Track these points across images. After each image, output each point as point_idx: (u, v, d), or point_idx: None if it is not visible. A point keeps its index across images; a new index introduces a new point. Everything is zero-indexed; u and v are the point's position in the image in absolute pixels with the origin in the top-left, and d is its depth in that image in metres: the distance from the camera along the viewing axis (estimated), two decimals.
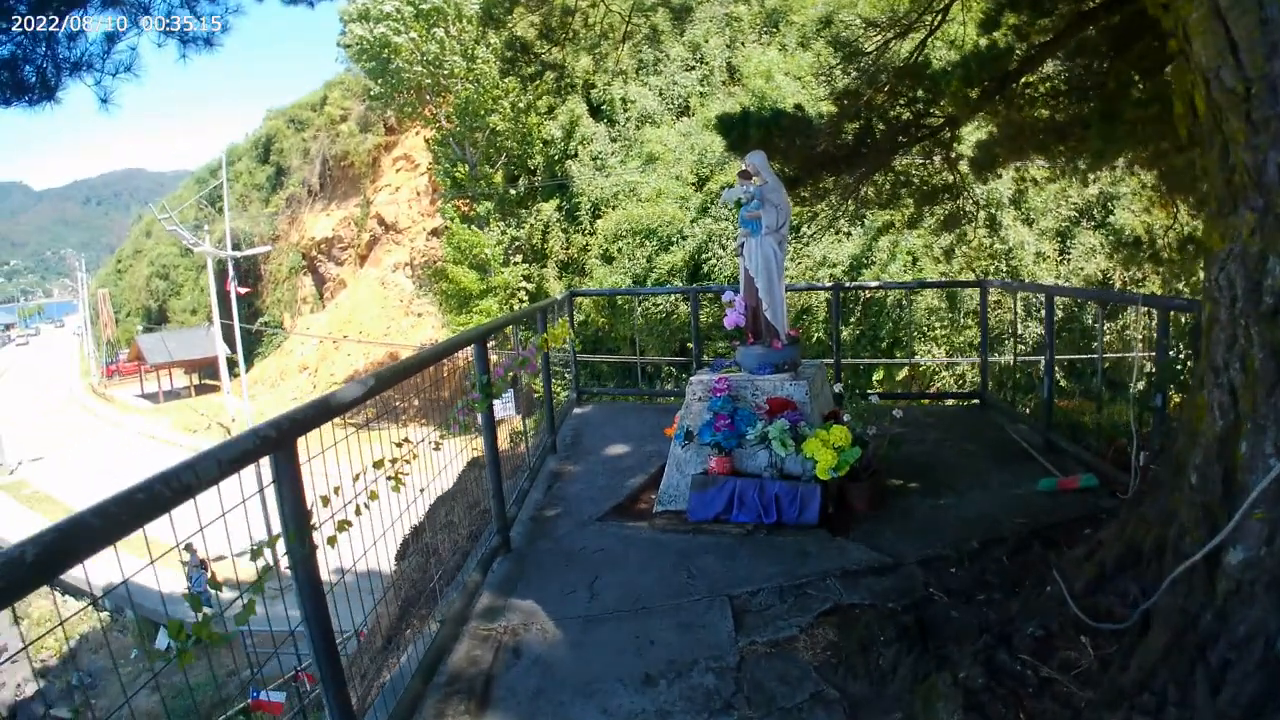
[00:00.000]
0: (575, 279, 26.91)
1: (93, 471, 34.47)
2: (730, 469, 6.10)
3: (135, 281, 69.08)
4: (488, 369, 5.08)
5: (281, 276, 50.55)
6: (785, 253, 6.68)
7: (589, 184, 26.58)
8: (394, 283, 41.44)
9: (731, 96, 26.27)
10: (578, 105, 28.55)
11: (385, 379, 3.59)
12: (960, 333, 20.09)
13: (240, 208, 53.55)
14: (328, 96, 51.04)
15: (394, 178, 43.79)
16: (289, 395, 42.73)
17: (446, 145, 29.97)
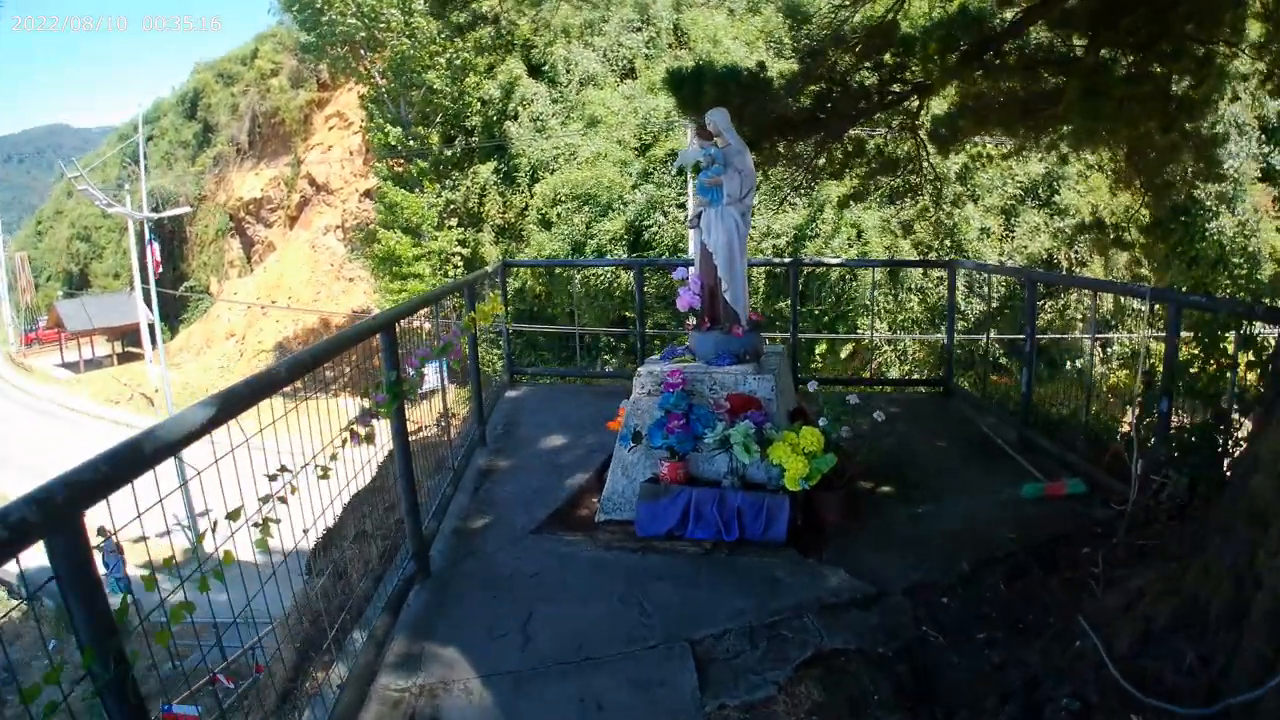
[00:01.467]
0: (512, 244, 26.11)
1: (4, 448, 32.92)
2: (685, 476, 5.33)
3: (56, 244, 65.96)
4: (397, 364, 4.30)
5: (208, 239, 48.37)
6: (749, 226, 5.87)
7: (528, 146, 25.77)
8: (325, 246, 40.05)
9: (678, 60, 25.53)
10: (517, 65, 27.57)
11: (240, 396, 2.85)
12: (902, 308, 19.70)
13: (165, 166, 51.23)
14: (259, 50, 48.54)
15: (326, 136, 42.18)
16: (215, 363, 41.26)
17: (381, 103, 28.85)
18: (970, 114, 8.46)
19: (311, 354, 3.48)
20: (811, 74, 8.70)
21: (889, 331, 19.59)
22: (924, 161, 9.72)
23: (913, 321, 19.47)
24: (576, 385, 10.46)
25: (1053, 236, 20.36)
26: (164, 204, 43.05)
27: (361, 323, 4.17)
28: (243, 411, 2.81)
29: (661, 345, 20.88)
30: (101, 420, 35.83)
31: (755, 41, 24.33)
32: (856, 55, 8.50)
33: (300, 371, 3.29)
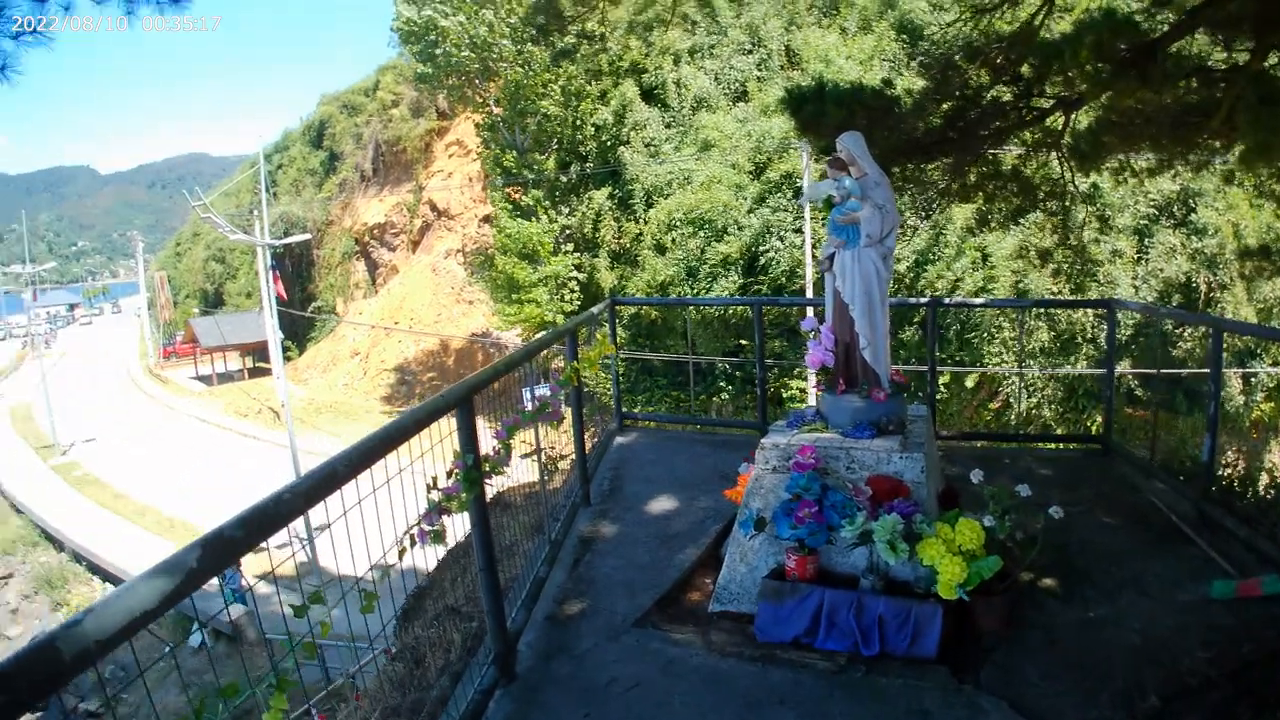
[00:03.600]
0: (627, 269, 26.01)
1: (142, 455, 34.67)
2: (815, 572, 4.51)
3: (193, 265, 70.18)
4: (475, 445, 3.70)
5: (334, 262, 50.39)
6: (891, 270, 5.05)
7: (642, 171, 25.64)
8: (445, 269, 40.90)
9: (790, 81, 24.97)
10: (630, 89, 27.50)
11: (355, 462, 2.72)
12: (1031, 337, 18.57)
13: (294, 192, 53.73)
14: (380, 81, 50.76)
15: (446, 163, 43.19)
16: (340, 380, 42.88)
17: (496, 131, 29.15)
18: (1114, 129, 7.61)
19: (382, 437, 3.01)
20: (942, 91, 7.98)
21: (1015, 362, 18.41)
22: (1068, 183, 8.88)
23: (1040, 350, 18.35)
24: (690, 433, 9.57)
25: (1190, 258, 18.77)
26: (292, 228, 44.77)
27: (435, 399, 3.52)
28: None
29: (780, 374, 20.11)
30: (229, 432, 37.29)
31: (869, 60, 23.59)
32: (992, 68, 7.76)
33: (367, 462, 2.84)
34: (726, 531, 5.33)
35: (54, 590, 23.07)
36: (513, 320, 28.01)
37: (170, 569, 1.85)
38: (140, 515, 26.88)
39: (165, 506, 27.44)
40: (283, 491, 2.30)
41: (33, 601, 23.20)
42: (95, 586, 22.70)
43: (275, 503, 2.26)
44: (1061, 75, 7.31)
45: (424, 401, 3.32)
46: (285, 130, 61.54)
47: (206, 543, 1.97)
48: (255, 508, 2.18)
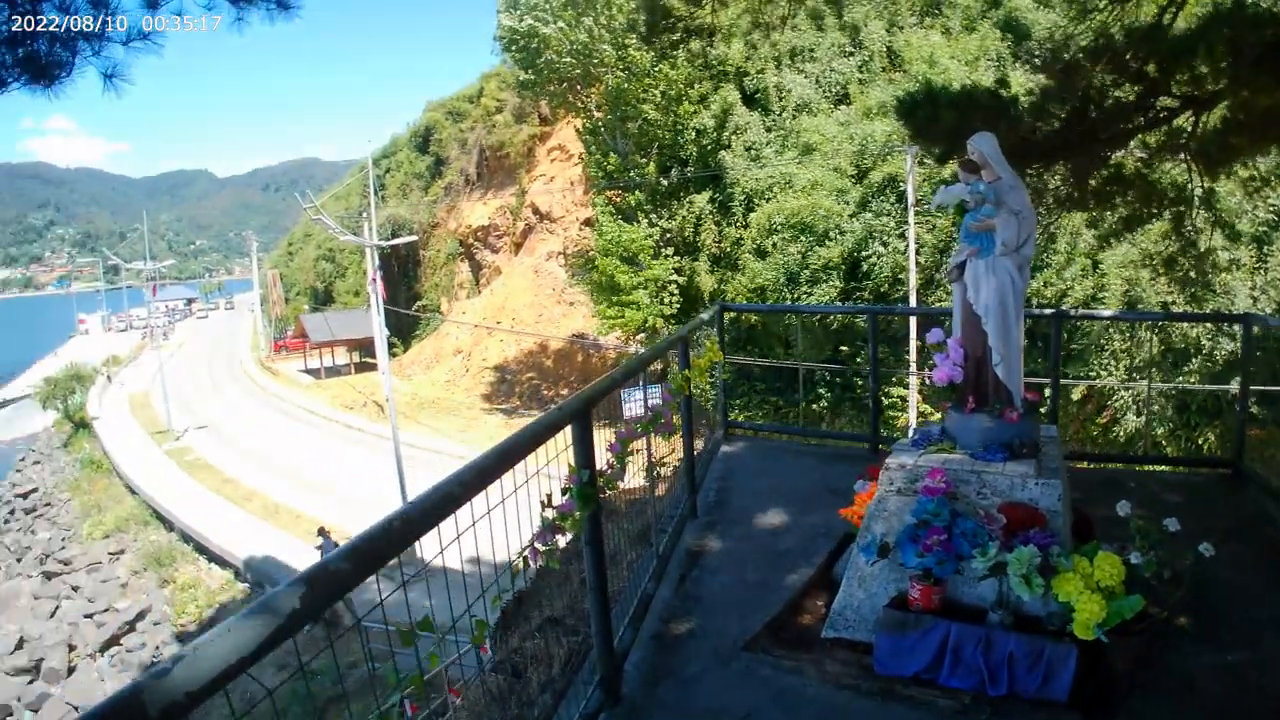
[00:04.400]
0: (726, 273, 25.99)
1: (251, 442, 36.23)
2: (940, 603, 4.19)
3: (304, 263, 72.87)
4: (591, 460, 3.50)
5: (439, 262, 51.74)
6: (1026, 281, 4.74)
7: (743, 175, 25.57)
8: (547, 271, 41.43)
9: (892, 83, 24.65)
10: (731, 93, 27.42)
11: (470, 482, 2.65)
12: (1140, 348, 17.95)
13: (401, 196, 55.29)
14: (484, 88, 51.83)
15: (548, 167, 43.78)
16: (442, 376, 43.93)
17: (598, 135, 29.44)
18: (1244, 130, 7.06)
19: (498, 455, 2.94)
20: (1063, 91, 7.58)
21: (1124, 374, 17.76)
22: (1194, 188, 8.43)
23: (1151, 363, 17.74)
24: (796, 443, 9.23)
25: None
26: (399, 230, 45.96)
27: (551, 413, 3.43)
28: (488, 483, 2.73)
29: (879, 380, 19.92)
30: (335, 423, 38.63)
31: (975, 61, 23.05)
32: (1115, 67, 7.34)
33: (483, 483, 2.74)
34: (839, 551, 5.18)
35: (162, 568, 24.01)
36: (613, 323, 28.27)
37: (270, 610, 1.67)
38: (247, 500, 27.88)
39: (272, 492, 28.42)
40: (394, 518, 2.22)
41: (141, 577, 24.24)
42: (200, 566, 23.53)
43: (385, 531, 2.17)
44: (1189, 74, 6.94)
45: (541, 415, 3.25)
46: (393, 136, 63.47)
47: (312, 579, 1.82)
48: (365, 537, 2.07)
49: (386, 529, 2.15)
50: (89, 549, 27.38)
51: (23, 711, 19.84)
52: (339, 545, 9.64)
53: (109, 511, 29.81)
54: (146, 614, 21.82)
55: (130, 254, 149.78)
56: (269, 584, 20.18)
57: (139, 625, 21.55)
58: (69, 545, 28.72)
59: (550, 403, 35.94)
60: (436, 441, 31.72)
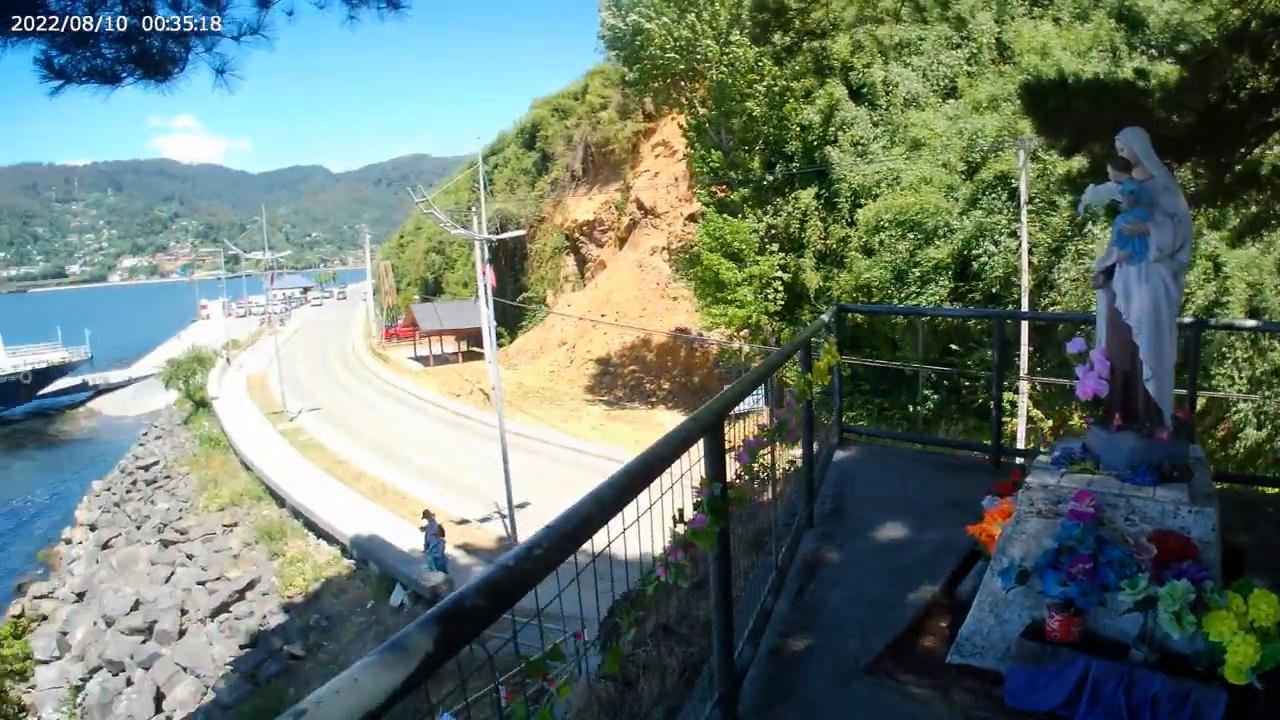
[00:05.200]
0: (832, 270, 25.69)
1: (360, 425, 37.62)
2: (1079, 635, 3.87)
3: (414, 255, 75.24)
4: (723, 472, 3.25)
5: (545, 256, 52.73)
6: (1181, 290, 4.35)
7: (849, 171, 25.14)
8: (651, 266, 41.70)
9: (1002, 75, 23.96)
10: (837, 88, 26.97)
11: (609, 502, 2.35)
12: (1263, 357, 17.08)
13: (509, 191, 56.40)
14: (589, 85, 52.69)
15: (653, 163, 44.10)
16: (547, 367, 44.59)
17: (702, 131, 29.43)
18: None
19: (636, 472, 2.64)
20: (1200, 81, 7.24)
21: (1246, 386, 16.90)
22: None
23: (1272, 373, 16.92)
24: (912, 451, 8.88)
25: None
26: (507, 224, 46.87)
27: (685, 424, 3.17)
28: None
29: (980, 386, 19.29)
30: (442, 409, 39.60)
31: (1087, 51, 22.20)
32: (1257, 55, 6.98)
33: (622, 502, 2.43)
34: (962, 569, 4.94)
35: (272, 541, 24.85)
36: (717, 319, 28.25)
37: (401, 653, 1.52)
38: (356, 480, 28.64)
39: (380, 474, 29.19)
40: (533, 545, 2.00)
41: (252, 549, 25.13)
42: (309, 541, 24.26)
43: (524, 560, 1.94)
44: None
45: (674, 429, 3.06)
46: (500, 133, 64.83)
47: (444, 617, 1.66)
48: (502, 567, 1.87)
49: (525, 557, 1.95)
50: (204, 520, 28.57)
51: (134, 668, 20.92)
52: (443, 528, 9.98)
53: (225, 486, 31.08)
54: (256, 584, 22.66)
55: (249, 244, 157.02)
56: (373, 561, 20.79)
57: (248, 594, 22.38)
58: (186, 516, 29.97)
59: (651, 396, 36.15)
60: (540, 431, 32.22)
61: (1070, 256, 20.00)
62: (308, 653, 19.02)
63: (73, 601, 26.97)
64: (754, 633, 4.40)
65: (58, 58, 6.22)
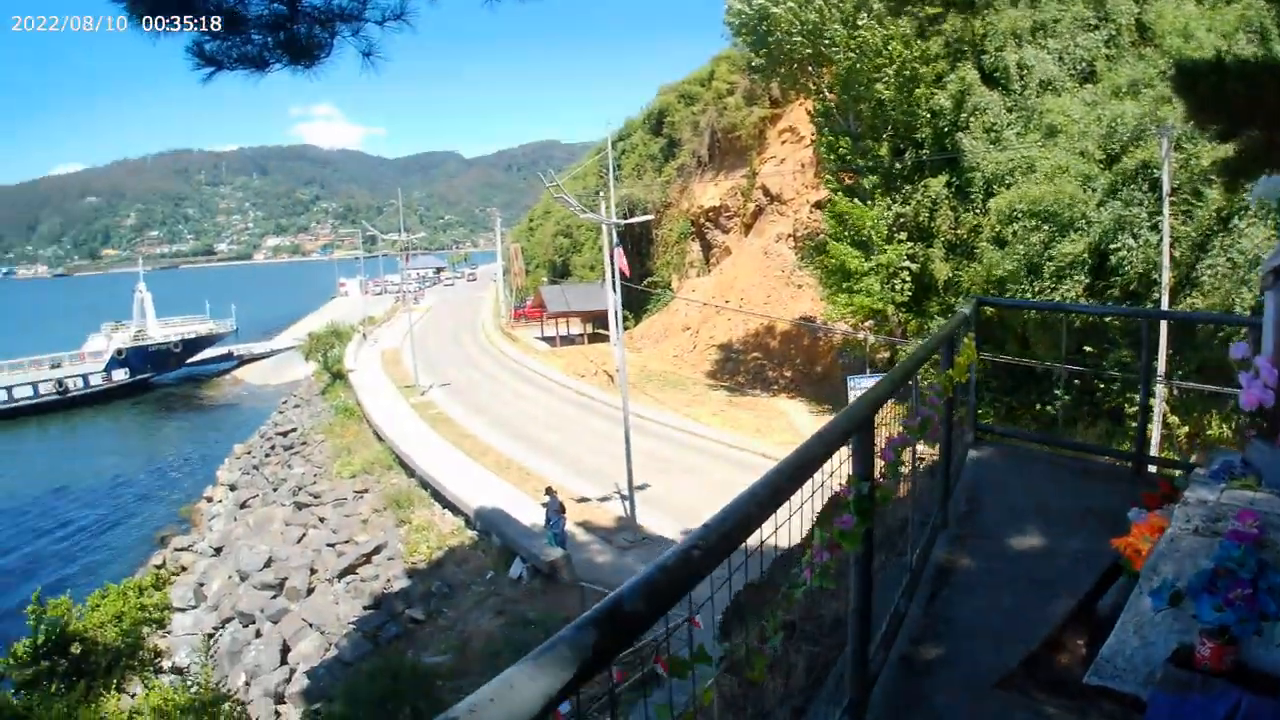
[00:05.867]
0: (962, 261, 25.12)
1: (487, 401, 39.00)
2: (1232, 664, 3.47)
3: (543, 239, 76.99)
4: (871, 471, 3.15)
5: (671, 241, 53.20)
6: None
7: (981, 158, 24.36)
8: (776, 253, 41.56)
9: (1143, 59, 22.85)
10: (968, 72, 26.09)
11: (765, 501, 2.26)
12: None
13: (635, 176, 57.08)
14: (715, 71, 52.69)
15: (779, 149, 43.91)
16: (671, 351, 45.17)
17: (830, 116, 29.11)
18: None
19: (791, 469, 2.52)
20: None
21: None
22: None
23: None
24: (1049, 453, 8.42)
25: None
26: (633, 210, 47.39)
27: (836, 420, 3.02)
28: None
29: (1123, 386, 18.55)
30: (567, 389, 40.59)
31: (1233, 33, 20.73)
32: None
33: (778, 500, 2.34)
34: (1103, 584, 4.64)
35: (400, 509, 25.70)
36: (842, 308, 27.95)
37: (556, 658, 1.47)
38: (482, 454, 29.47)
39: (504, 449, 30.05)
40: (691, 546, 1.92)
41: (381, 515, 26.12)
42: (435, 511, 25.09)
43: (684, 561, 1.89)
44: None
45: (825, 425, 2.93)
46: (628, 119, 65.52)
47: (601, 620, 1.60)
48: (661, 568, 1.82)
49: (684, 559, 1.89)
50: (337, 486, 29.93)
51: (264, 620, 22.18)
52: (564, 505, 10.45)
53: (357, 454, 32.46)
54: (382, 549, 23.55)
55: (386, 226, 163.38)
56: (495, 533, 21.40)
57: (374, 558, 23.27)
58: (319, 481, 31.47)
59: (774, 384, 36.11)
60: (662, 414, 32.62)
61: (1216, 252, 19.10)
62: (427, 618, 19.64)
63: (210, 555, 28.93)
64: (886, 637, 4.26)
65: (209, 45, 6.54)
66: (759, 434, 28.86)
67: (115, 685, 10.37)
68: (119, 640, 11.02)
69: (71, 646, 10.63)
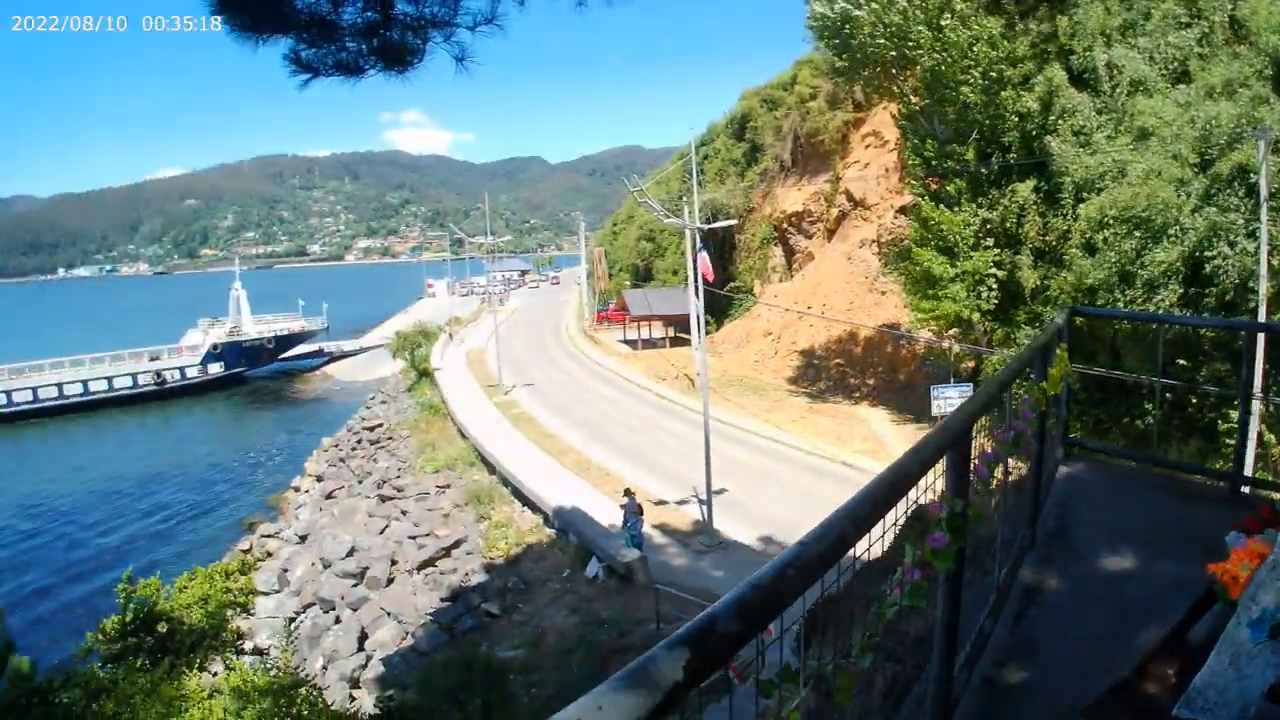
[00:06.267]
0: (1050, 268, 24.58)
1: (569, 401, 39.69)
2: None
3: (626, 243, 77.81)
4: (966, 485, 3.09)
5: (754, 246, 53.16)
6: None
7: (1070, 162, 23.74)
8: (860, 258, 41.19)
9: (1237, 58, 21.74)
10: (1056, 73, 25.38)
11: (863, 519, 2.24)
12: None
13: (718, 181, 57.19)
14: (797, 75, 52.47)
15: (863, 154, 43.52)
16: (751, 357, 45.20)
17: (914, 120, 28.71)
18: None
19: (889, 485, 2.46)
20: None
21: None
22: None
23: None
24: (1142, 471, 8.06)
25: None
26: (716, 214, 47.45)
27: (931, 435, 2.94)
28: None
29: (1217, 402, 17.87)
30: (647, 392, 40.99)
31: None
32: None
33: (875, 517, 2.30)
34: (1195, 612, 4.30)
35: (480, 505, 26.14)
36: (926, 316, 27.49)
37: (647, 679, 1.42)
38: (563, 454, 29.86)
39: (584, 449, 30.45)
40: (786, 565, 1.88)
41: (462, 511, 26.65)
42: (514, 508, 25.45)
43: (779, 579, 1.83)
44: None
45: (920, 440, 2.86)
46: (710, 124, 65.80)
47: (693, 640, 1.55)
48: (754, 586, 1.76)
49: (779, 577, 1.84)
50: (420, 480, 30.68)
51: (344, 607, 22.88)
52: (642, 507, 10.65)
53: (441, 450, 33.15)
54: (462, 543, 24.08)
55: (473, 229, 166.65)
56: (573, 532, 21.61)
57: (453, 552, 23.83)
58: (403, 475, 32.28)
59: (855, 391, 35.77)
60: (741, 419, 32.62)
61: None
62: (503, 612, 19.95)
63: (295, 543, 30.13)
64: (970, 658, 4.11)
65: (305, 53, 6.70)
66: (839, 441, 28.67)
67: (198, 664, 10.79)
68: (204, 621, 11.46)
69: (158, 625, 11.07)
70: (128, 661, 9.88)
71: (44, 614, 27.39)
